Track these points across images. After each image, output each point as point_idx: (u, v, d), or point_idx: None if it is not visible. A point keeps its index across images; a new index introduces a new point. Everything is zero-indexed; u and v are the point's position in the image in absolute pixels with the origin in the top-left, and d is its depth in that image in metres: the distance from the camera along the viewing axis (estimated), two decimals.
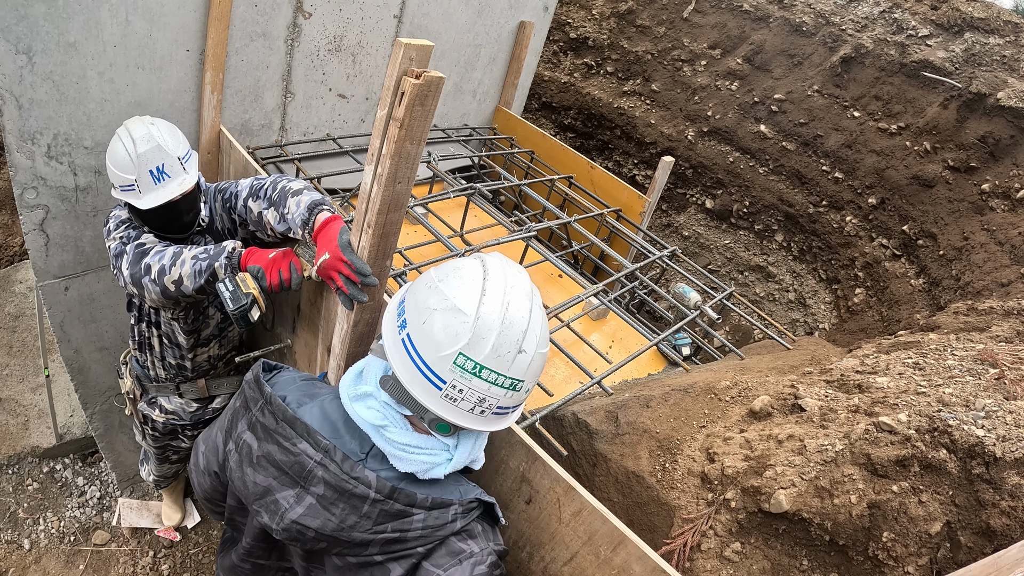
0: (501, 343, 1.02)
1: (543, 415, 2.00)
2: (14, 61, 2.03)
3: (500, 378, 1.03)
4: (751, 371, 2.37)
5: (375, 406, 1.11)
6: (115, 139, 1.92)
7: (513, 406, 1.12)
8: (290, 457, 1.10)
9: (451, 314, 1.03)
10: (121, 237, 1.95)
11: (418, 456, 1.09)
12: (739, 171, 4.95)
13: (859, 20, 4.65)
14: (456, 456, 1.13)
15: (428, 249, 2.98)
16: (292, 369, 1.33)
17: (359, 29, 3.10)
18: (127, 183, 1.89)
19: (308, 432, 1.10)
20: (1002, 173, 3.72)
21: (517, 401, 1.10)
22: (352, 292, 1.52)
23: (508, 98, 4.32)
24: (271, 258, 1.78)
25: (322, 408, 1.16)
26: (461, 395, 1.04)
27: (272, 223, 1.92)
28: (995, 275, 3.27)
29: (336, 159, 3.33)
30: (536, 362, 1.07)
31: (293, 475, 1.09)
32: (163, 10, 2.30)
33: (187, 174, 1.96)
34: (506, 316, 1.03)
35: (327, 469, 1.07)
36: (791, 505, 1.47)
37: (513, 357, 1.03)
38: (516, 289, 1.07)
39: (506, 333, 1.02)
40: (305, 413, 1.15)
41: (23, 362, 4.08)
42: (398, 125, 1.26)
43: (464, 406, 1.05)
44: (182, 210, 1.98)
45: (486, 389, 1.03)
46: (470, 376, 1.02)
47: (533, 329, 1.05)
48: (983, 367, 1.83)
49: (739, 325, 4.58)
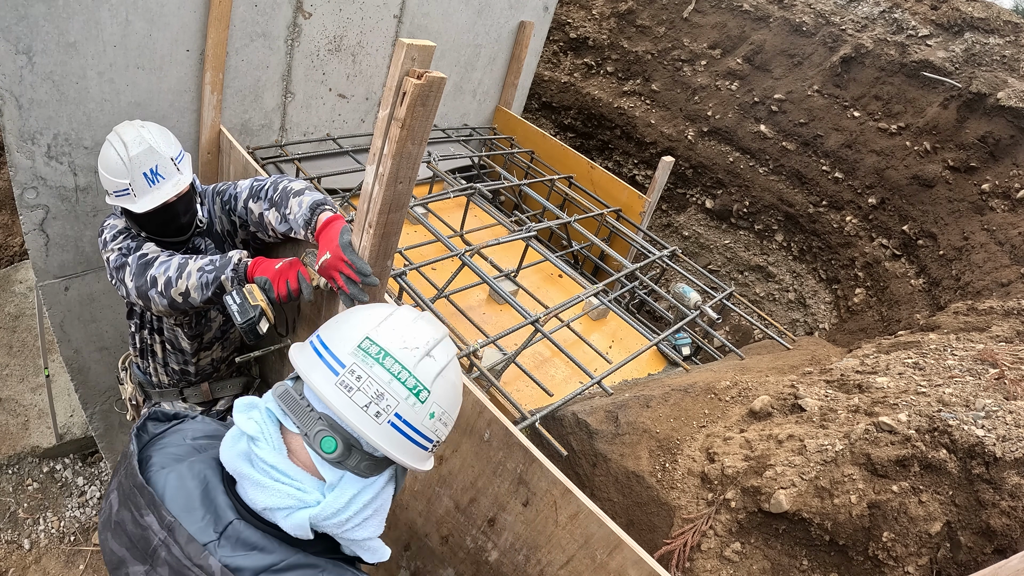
0: (410, 336, 1.00)
1: (543, 415, 1.99)
2: (14, 61, 2.03)
3: (404, 372, 0.96)
4: (751, 371, 2.37)
5: (256, 416, 0.98)
6: (106, 145, 1.88)
7: (414, 427, 0.97)
8: (138, 530, 0.93)
9: (366, 307, 1.06)
10: (120, 248, 1.91)
11: (283, 486, 0.93)
12: (739, 171, 4.95)
13: (859, 20, 4.65)
14: (329, 501, 0.93)
15: (428, 249, 2.98)
16: (207, 420, 1.16)
17: (359, 29, 3.10)
18: (121, 188, 1.85)
19: (153, 504, 0.93)
20: (1002, 173, 3.72)
21: (418, 419, 0.97)
22: (353, 292, 1.52)
23: (508, 98, 4.32)
24: (278, 268, 1.76)
25: (188, 471, 0.99)
26: (359, 383, 0.95)
27: (273, 224, 1.92)
28: (995, 275, 3.27)
29: (336, 159, 3.33)
30: (444, 385, 1.00)
31: (141, 550, 0.92)
32: (163, 10, 2.29)
33: (181, 175, 1.93)
34: (416, 321, 1.04)
35: (169, 551, 0.90)
36: (791, 505, 1.47)
37: (421, 356, 0.99)
38: (433, 320, 1.08)
39: (416, 332, 1.01)
40: (160, 478, 0.97)
41: (23, 362, 4.08)
42: (400, 125, 1.26)
43: (359, 399, 0.94)
44: (179, 211, 1.96)
45: (387, 382, 0.95)
46: (372, 362, 0.96)
47: (444, 350, 1.03)
48: (983, 367, 1.83)
49: (739, 325, 4.58)
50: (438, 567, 1.81)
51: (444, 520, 1.72)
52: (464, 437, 1.56)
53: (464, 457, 1.58)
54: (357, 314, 1.05)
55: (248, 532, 0.92)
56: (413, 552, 1.92)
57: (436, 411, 1.00)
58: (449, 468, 1.64)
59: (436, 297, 2.50)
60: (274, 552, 0.92)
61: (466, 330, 2.47)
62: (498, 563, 1.58)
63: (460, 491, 1.63)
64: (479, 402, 1.48)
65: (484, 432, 1.49)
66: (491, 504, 1.54)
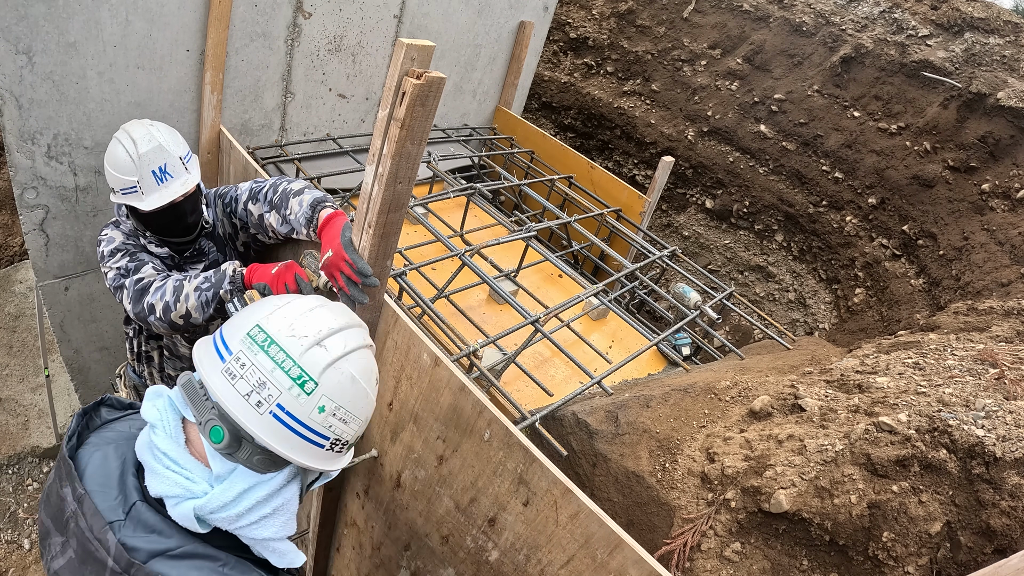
0: (300, 325, 0.97)
1: (543, 415, 1.99)
2: (14, 61, 2.03)
3: (288, 361, 0.93)
4: (751, 371, 2.37)
5: (159, 404, 0.99)
6: (114, 142, 1.87)
7: (300, 420, 0.94)
8: (58, 501, 0.96)
9: (274, 297, 1.04)
10: (118, 268, 1.87)
11: (173, 474, 0.92)
12: (739, 171, 4.95)
13: (859, 20, 4.65)
14: (216, 493, 0.92)
15: (428, 249, 2.98)
16: None
17: (359, 29, 3.10)
18: (129, 185, 1.84)
19: (71, 477, 0.95)
20: (1002, 173, 3.72)
21: (304, 412, 0.94)
22: (353, 293, 1.52)
23: (508, 98, 4.32)
24: (274, 273, 1.76)
25: (113, 452, 1.00)
26: (243, 370, 0.93)
27: (274, 225, 1.92)
28: (995, 275, 3.27)
29: (336, 159, 3.33)
30: (338, 378, 0.96)
31: (60, 521, 0.95)
32: (163, 10, 2.29)
33: (189, 174, 1.93)
34: (315, 309, 1.01)
35: (77, 523, 0.92)
36: (791, 505, 1.47)
37: (309, 345, 0.95)
38: (343, 309, 1.05)
39: (309, 320, 0.98)
40: (86, 455, 0.99)
41: (23, 362, 4.08)
42: (399, 125, 1.26)
43: (242, 386, 0.92)
44: (185, 211, 1.95)
45: (269, 370, 0.93)
46: (258, 349, 0.94)
47: (342, 340, 0.99)
48: (983, 367, 1.83)
49: (739, 325, 4.58)
50: (438, 567, 1.81)
51: (444, 520, 1.72)
52: (464, 437, 1.56)
53: (464, 457, 1.58)
54: (261, 303, 1.03)
55: (148, 515, 0.93)
56: (413, 552, 1.92)
57: (327, 405, 0.96)
58: (449, 468, 1.64)
59: (436, 297, 2.50)
60: (172, 538, 0.92)
61: (466, 330, 2.47)
62: (499, 563, 1.58)
63: (460, 491, 1.63)
64: (479, 402, 1.48)
65: (484, 432, 1.49)
66: (491, 504, 1.54)
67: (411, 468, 1.79)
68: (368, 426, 1.91)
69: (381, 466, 1.93)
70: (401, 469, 1.84)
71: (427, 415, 1.65)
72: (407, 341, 1.64)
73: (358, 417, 1.02)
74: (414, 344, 1.61)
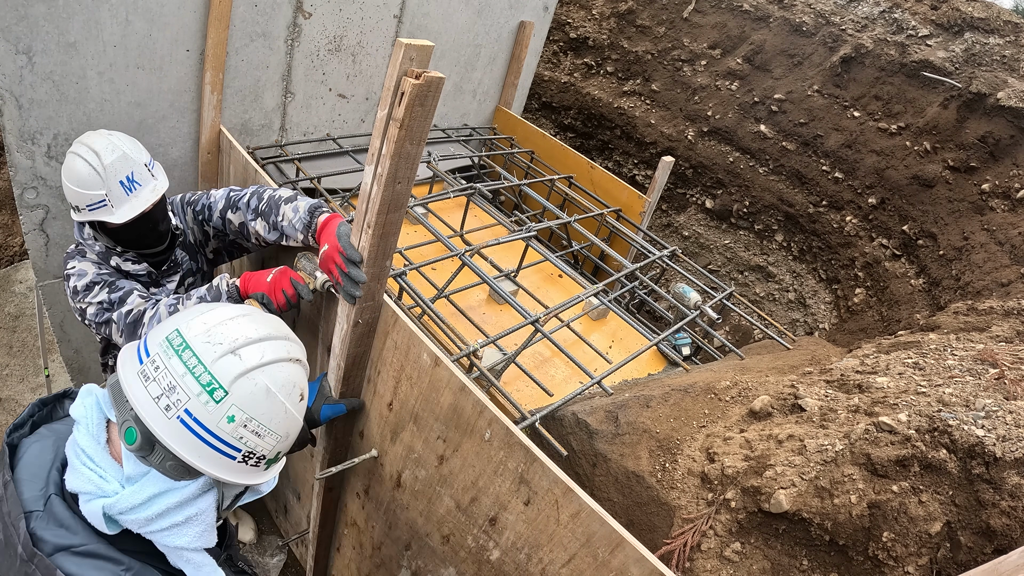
0: (218, 332, 0.97)
1: (543, 415, 2.00)
2: (14, 61, 2.03)
3: (199, 367, 0.93)
4: (751, 371, 2.37)
5: (88, 402, 1.01)
6: (71, 157, 1.75)
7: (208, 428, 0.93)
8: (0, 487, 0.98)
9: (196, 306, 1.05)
10: (99, 303, 1.79)
11: (88, 471, 0.94)
12: (739, 171, 4.95)
13: (859, 20, 4.65)
14: (125, 494, 0.92)
15: (428, 249, 2.98)
16: None
17: (359, 29, 3.10)
18: (96, 200, 1.75)
19: (3, 463, 0.99)
20: (1002, 173, 3.72)
21: (212, 420, 0.93)
22: (345, 285, 1.52)
23: (508, 98, 4.32)
24: (270, 280, 1.74)
25: (51, 444, 1.02)
26: (156, 373, 0.93)
27: (261, 233, 1.89)
28: (995, 275, 3.27)
29: (336, 159, 3.33)
30: (251, 389, 0.95)
31: None
32: (163, 10, 2.30)
33: (156, 180, 1.86)
34: (237, 318, 1.00)
35: (1, 508, 0.95)
36: (791, 505, 1.47)
37: (223, 353, 0.95)
38: (268, 319, 1.04)
39: (228, 329, 0.98)
40: (26, 443, 1.02)
41: (23, 362, 4.08)
42: (398, 125, 1.26)
43: (153, 389, 0.93)
44: (157, 219, 1.88)
45: (180, 375, 0.92)
46: (172, 353, 0.94)
47: (258, 352, 0.98)
48: (983, 367, 1.83)
49: (739, 325, 4.58)
50: (439, 566, 1.81)
51: (445, 519, 1.72)
52: (465, 437, 1.56)
53: (465, 457, 1.58)
54: (189, 310, 1.04)
55: (60, 509, 0.94)
56: (414, 552, 1.92)
57: (237, 415, 0.94)
58: (450, 468, 1.64)
59: (436, 297, 2.51)
60: (78, 535, 0.93)
61: (466, 330, 2.47)
62: (500, 562, 1.58)
63: (461, 491, 1.63)
64: (479, 402, 1.48)
65: (485, 432, 1.49)
66: (492, 503, 1.54)
67: (411, 468, 1.79)
68: (368, 425, 1.92)
69: (381, 466, 1.93)
70: (401, 469, 1.84)
71: (427, 415, 1.65)
72: (407, 341, 1.64)
73: (275, 432, 1.00)
74: (414, 344, 1.61)
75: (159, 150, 2.60)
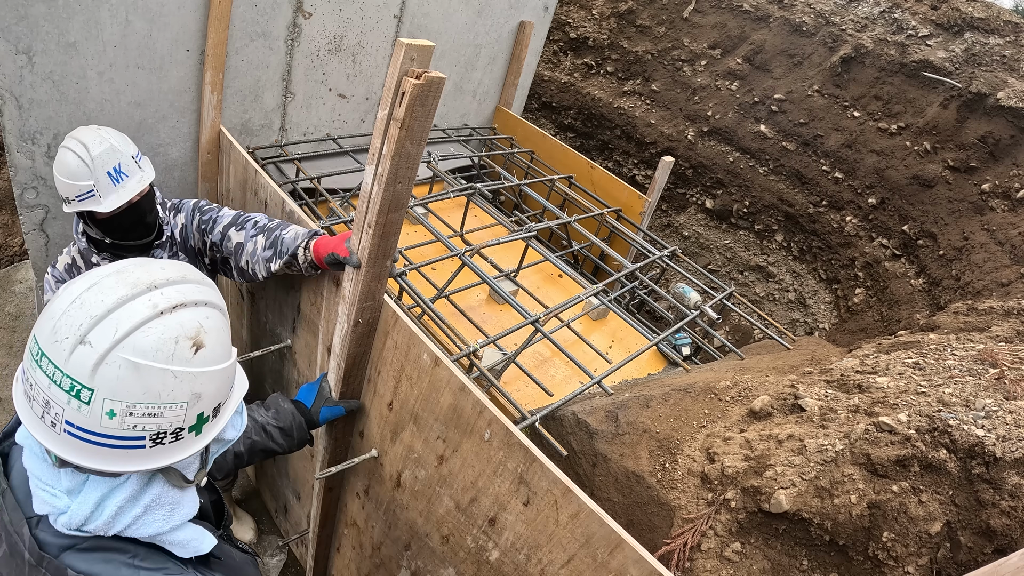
0: (63, 323, 0.82)
1: (543, 415, 2.00)
2: (14, 61, 2.03)
3: (57, 373, 0.80)
4: (751, 371, 2.37)
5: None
6: (62, 151, 1.84)
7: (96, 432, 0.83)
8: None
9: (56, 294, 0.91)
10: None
11: (42, 492, 0.90)
12: (739, 171, 4.95)
13: (859, 20, 4.65)
14: (75, 508, 0.88)
15: (428, 249, 2.98)
16: None
17: (359, 29, 3.10)
18: (84, 190, 1.81)
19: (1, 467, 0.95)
20: (1002, 173, 3.72)
21: (94, 423, 0.82)
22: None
23: (508, 98, 4.32)
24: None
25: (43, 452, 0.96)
26: (32, 391, 0.84)
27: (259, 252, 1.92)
28: (995, 275, 3.27)
29: (336, 159, 3.33)
30: (114, 372, 0.81)
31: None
32: (163, 10, 2.30)
33: (143, 171, 1.93)
34: (82, 295, 0.83)
35: (2, 516, 0.92)
36: (791, 505, 1.47)
37: (72, 347, 0.80)
38: (124, 275, 0.86)
39: (72, 314, 0.82)
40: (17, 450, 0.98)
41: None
42: (399, 125, 1.26)
43: (36, 408, 0.84)
44: (145, 210, 1.95)
45: (47, 387, 0.81)
46: (35, 365, 0.83)
47: (116, 322, 0.82)
48: (983, 367, 1.83)
49: (739, 325, 4.58)
50: (439, 567, 1.81)
51: (445, 520, 1.72)
52: (464, 437, 1.56)
53: (465, 457, 1.58)
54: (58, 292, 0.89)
55: None
56: (414, 552, 1.92)
57: (116, 407, 0.82)
58: (449, 468, 1.64)
59: (436, 297, 2.51)
60: None
61: (466, 330, 2.47)
62: (499, 562, 1.58)
63: (460, 491, 1.63)
64: (479, 402, 1.48)
65: (484, 432, 1.49)
66: (492, 504, 1.54)
67: (411, 468, 1.79)
68: (368, 425, 1.92)
69: (381, 466, 1.93)
70: (401, 469, 1.84)
71: (427, 415, 1.65)
72: (407, 341, 1.64)
73: (171, 403, 0.86)
74: (414, 344, 1.61)
75: (159, 150, 2.60)
